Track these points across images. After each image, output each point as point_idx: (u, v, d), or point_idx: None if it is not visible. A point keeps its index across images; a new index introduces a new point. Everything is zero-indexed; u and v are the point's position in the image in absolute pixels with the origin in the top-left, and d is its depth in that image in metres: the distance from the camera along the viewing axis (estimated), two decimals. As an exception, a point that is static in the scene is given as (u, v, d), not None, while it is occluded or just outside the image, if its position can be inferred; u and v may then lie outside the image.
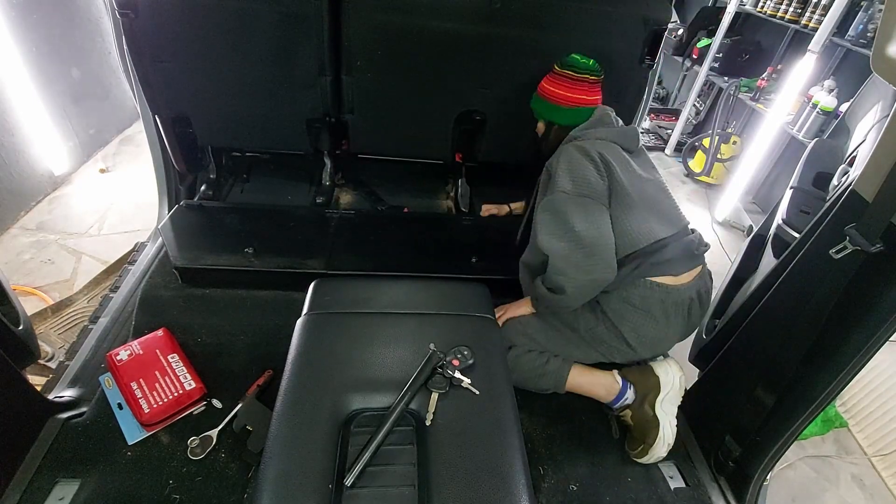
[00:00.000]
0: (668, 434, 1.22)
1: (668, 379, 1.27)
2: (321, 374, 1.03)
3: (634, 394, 1.28)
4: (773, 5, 3.02)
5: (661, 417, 1.23)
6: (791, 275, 1.08)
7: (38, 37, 2.65)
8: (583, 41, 1.60)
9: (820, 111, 2.63)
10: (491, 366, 1.09)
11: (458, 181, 2.08)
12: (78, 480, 1.08)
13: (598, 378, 1.32)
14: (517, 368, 1.32)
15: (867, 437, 1.87)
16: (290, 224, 1.74)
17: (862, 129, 1.56)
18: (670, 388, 1.26)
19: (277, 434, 0.91)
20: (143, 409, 1.19)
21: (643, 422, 1.24)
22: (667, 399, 1.25)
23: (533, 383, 1.33)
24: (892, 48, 0.76)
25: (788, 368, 1.01)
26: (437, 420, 0.97)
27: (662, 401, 1.25)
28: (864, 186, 0.90)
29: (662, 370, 1.28)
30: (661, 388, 1.26)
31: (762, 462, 1.11)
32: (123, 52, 1.54)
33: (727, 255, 2.87)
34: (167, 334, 1.38)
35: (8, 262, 2.24)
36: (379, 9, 1.50)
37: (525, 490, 0.87)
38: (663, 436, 1.21)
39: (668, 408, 1.25)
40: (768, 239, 1.42)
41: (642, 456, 1.23)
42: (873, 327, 0.88)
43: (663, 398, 1.25)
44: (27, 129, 2.58)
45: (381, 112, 1.74)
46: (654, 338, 1.27)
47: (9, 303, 1.20)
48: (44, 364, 1.60)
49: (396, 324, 1.17)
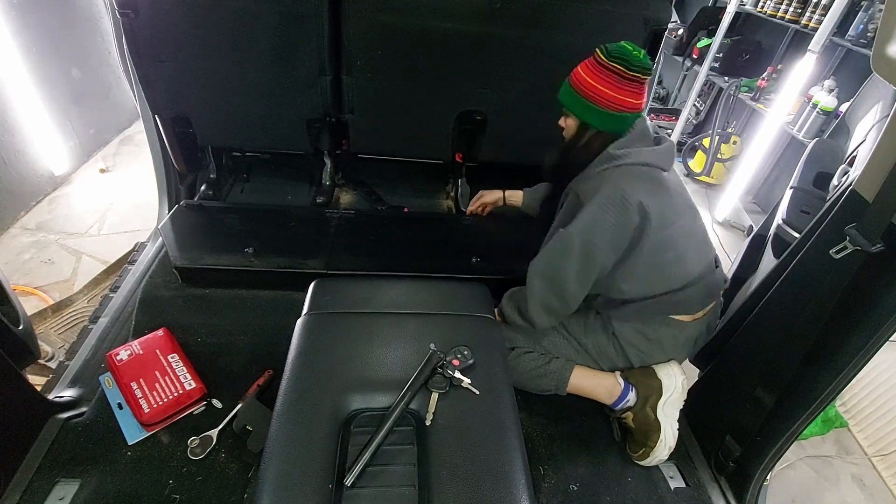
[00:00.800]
0: (669, 437, 1.21)
1: (671, 382, 1.26)
2: (321, 374, 1.03)
3: (636, 396, 1.27)
4: (773, 5, 3.02)
5: (663, 420, 1.22)
6: (791, 275, 1.07)
7: (38, 37, 2.65)
8: (583, 41, 1.59)
9: (820, 111, 2.63)
10: (491, 366, 1.09)
11: (458, 181, 2.07)
12: (78, 480, 1.08)
13: (601, 380, 1.32)
14: (518, 368, 1.31)
15: (867, 437, 1.87)
16: (290, 224, 1.74)
17: (862, 129, 1.56)
18: (672, 391, 1.25)
19: (277, 434, 0.91)
20: (143, 409, 1.19)
21: (645, 425, 1.24)
22: (669, 402, 1.24)
23: (534, 383, 1.32)
24: (892, 48, 0.76)
25: (788, 368, 1.01)
26: (437, 420, 0.97)
27: (664, 404, 1.24)
28: (865, 186, 0.90)
29: (665, 373, 1.27)
30: (663, 392, 1.25)
31: (762, 462, 1.11)
32: (123, 52, 1.54)
33: (727, 255, 2.87)
34: (167, 334, 1.38)
35: (8, 262, 2.24)
36: (379, 9, 1.50)
37: (525, 490, 0.87)
38: (664, 439, 1.21)
39: (670, 411, 1.24)
40: (768, 239, 1.42)
41: (644, 458, 1.23)
42: (873, 327, 0.88)
43: (665, 401, 1.24)
44: (27, 129, 2.58)
45: (381, 112, 1.74)
46: (657, 362, 1.30)
47: (9, 303, 1.20)
48: (44, 364, 1.60)
49: (396, 324, 1.17)
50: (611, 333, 1.28)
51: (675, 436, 1.23)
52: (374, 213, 1.98)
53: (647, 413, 1.24)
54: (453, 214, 2.06)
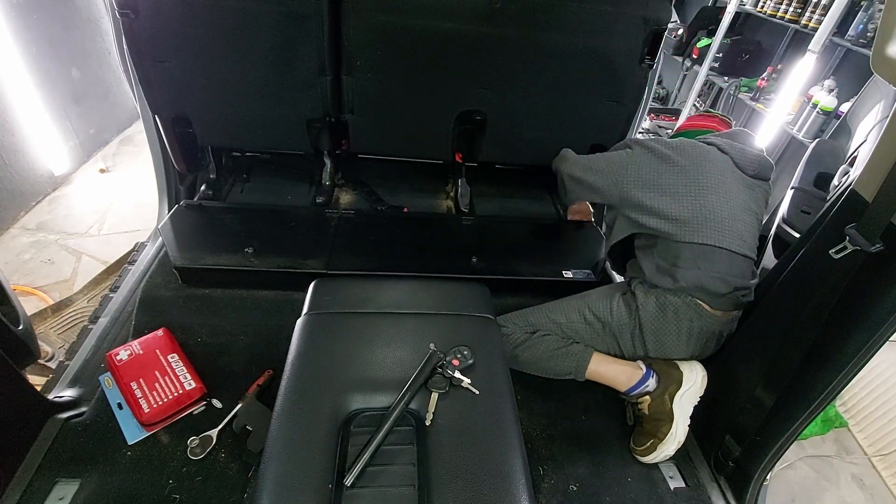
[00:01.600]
0: (680, 431, 1.20)
1: (692, 376, 1.26)
2: (321, 374, 1.03)
3: (657, 382, 1.26)
4: (773, 5, 3.02)
5: (678, 412, 1.21)
6: (791, 275, 1.08)
7: (38, 37, 2.65)
8: (583, 41, 1.60)
9: (820, 111, 2.63)
10: (491, 366, 1.09)
11: (458, 181, 2.07)
12: (78, 480, 1.08)
13: (622, 366, 1.31)
14: (539, 347, 1.32)
15: (867, 437, 1.87)
16: (290, 224, 1.74)
17: (862, 130, 1.56)
18: (692, 384, 1.24)
19: (277, 434, 0.91)
20: (143, 409, 1.19)
21: (659, 413, 1.23)
22: (686, 395, 1.24)
23: (553, 363, 1.32)
24: (892, 48, 0.76)
25: (788, 368, 1.01)
26: (436, 420, 0.97)
27: (682, 396, 1.23)
28: (865, 186, 0.90)
29: (687, 367, 1.27)
30: (683, 383, 1.24)
31: (762, 462, 1.11)
32: (123, 52, 1.54)
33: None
34: (167, 334, 1.38)
35: (8, 262, 2.24)
36: (379, 9, 1.50)
37: (525, 490, 0.87)
38: (675, 432, 1.20)
39: (686, 405, 1.23)
40: (768, 239, 1.42)
41: (649, 452, 1.21)
42: (873, 327, 0.88)
43: (683, 393, 1.23)
44: (27, 129, 2.58)
45: (381, 112, 1.74)
46: (669, 349, 1.28)
47: (9, 303, 1.20)
48: (44, 364, 1.60)
49: (396, 324, 1.17)
50: (634, 308, 1.29)
51: (685, 432, 1.22)
52: (374, 213, 1.98)
53: (664, 401, 1.23)
54: (453, 214, 2.06)
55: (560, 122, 1.79)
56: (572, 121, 1.79)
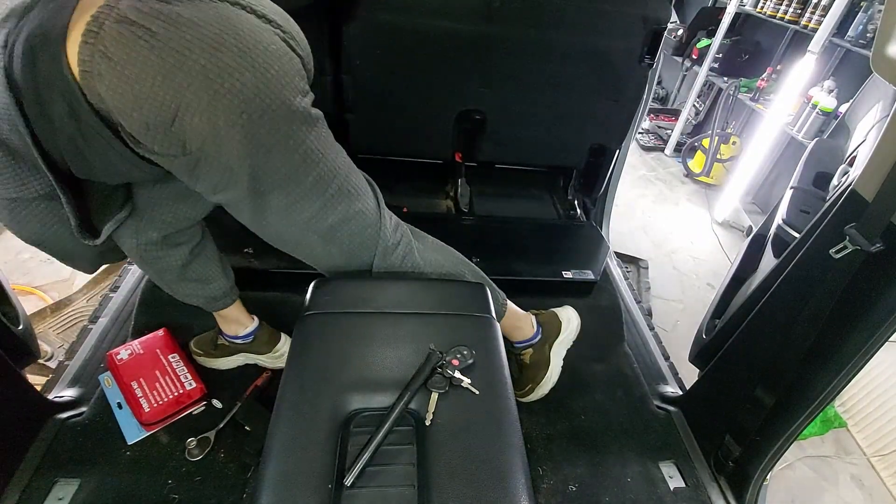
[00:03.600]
0: (553, 375, 1.31)
1: (569, 325, 1.35)
2: (320, 374, 1.03)
3: (540, 335, 1.34)
4: (773, 6, 3.03)
5: (553, 360, 1.30)
6: (791, 275, 1.07)
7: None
8: (582, 40, 1.60)
9: (820, 111, 2.63)
10: (491, 366, 1.09)
11: (458, 181, 2.07)
12: (77, 480, 1.08)
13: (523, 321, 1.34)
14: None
15: (866, 438, 1.87)
16: (290, 224, 1.73)
17: (862, 129, 1.56)
18: (568, 333, 1.34)
19: (277, 434, 0.91)
20: (144, 409, 1.19)
21: (539, 362, 1.31)
22: (561, 342, 1.33)
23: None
24: (892, 48, 0.76)
25: (788, 368, 1.01)
26: (436, 420, 0.96)
27: (559, 344, 1.32)
28: (864, 186, 0.90)
29: (565, 316, 1.36)
30: (560, 332, 1.33)
31: (762, 462, 1.11)
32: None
33: (727, 255, 2.87)
34: (167, 334, 1.38)
35: (8, 261, 2.24)
36: (379, 8, 1.50)
37: (525, 490, 0.87)
38: (550, 376, 1.30)
39: (560, 350, 1.33)
40: (768, 239, 1.42)
41: (527, 395, 1.31)
42: (873, 327, 0.88)
43: (561, 341, 1.33)
44: (27, 129, 2.57)
45: (382, 111, 1.73)
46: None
47: (8, 302, 1.20)
48: (43, 364, 1.60)
49: (396, 324, 1.17)
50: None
51: (558, 374, 1.32)
52: (374, 213, 1.98)
53: (544, 351, 1.31)
54: (453, 214, 2.06)
55: (560, 122, 1.79)
56: (572, 120, 1.79)
